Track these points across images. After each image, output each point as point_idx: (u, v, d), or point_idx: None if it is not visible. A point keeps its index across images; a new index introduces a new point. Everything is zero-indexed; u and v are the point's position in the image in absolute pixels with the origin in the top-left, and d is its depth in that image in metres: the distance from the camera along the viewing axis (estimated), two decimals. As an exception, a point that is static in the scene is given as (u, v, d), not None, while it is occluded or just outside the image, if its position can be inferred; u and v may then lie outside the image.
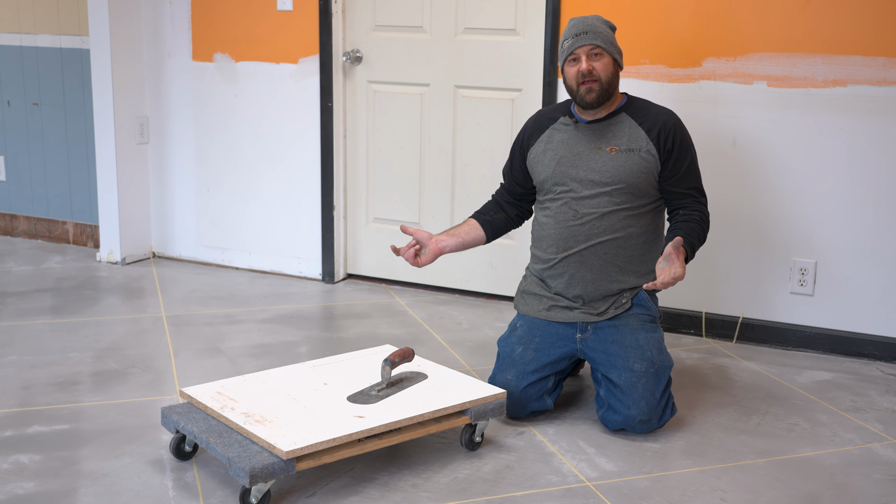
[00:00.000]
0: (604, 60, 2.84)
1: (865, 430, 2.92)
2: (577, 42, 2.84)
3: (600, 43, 2.83)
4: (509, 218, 3.11)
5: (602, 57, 2.84)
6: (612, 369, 2.82)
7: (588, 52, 2.84)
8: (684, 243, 2.77)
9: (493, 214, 3.10)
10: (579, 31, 2.84)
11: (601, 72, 2.84)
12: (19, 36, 4.84)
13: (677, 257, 2.71)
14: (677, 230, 2.84)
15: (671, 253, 2.71)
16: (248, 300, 4.11)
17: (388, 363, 2.69)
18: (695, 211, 2.90)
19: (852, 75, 3.37)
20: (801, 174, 3.50)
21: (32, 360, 3.33)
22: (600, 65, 2.84)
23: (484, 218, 3.09)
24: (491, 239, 3.10)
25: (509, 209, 3.11)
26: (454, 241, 3.03)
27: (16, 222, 5.06)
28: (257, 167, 4.43)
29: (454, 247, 3.03)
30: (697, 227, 2.86)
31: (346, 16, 4.18)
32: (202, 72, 4.45)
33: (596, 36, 2.83)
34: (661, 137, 2.87)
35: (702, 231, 2.88)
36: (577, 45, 2.84)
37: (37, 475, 2.51)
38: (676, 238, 2.74)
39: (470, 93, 4.03)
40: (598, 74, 2.83)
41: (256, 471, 2.27)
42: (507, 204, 3.11)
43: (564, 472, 2.59)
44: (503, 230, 3.12)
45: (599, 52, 2.84)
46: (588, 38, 2.83)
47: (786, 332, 3.61)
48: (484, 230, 3.08)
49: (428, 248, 2.97)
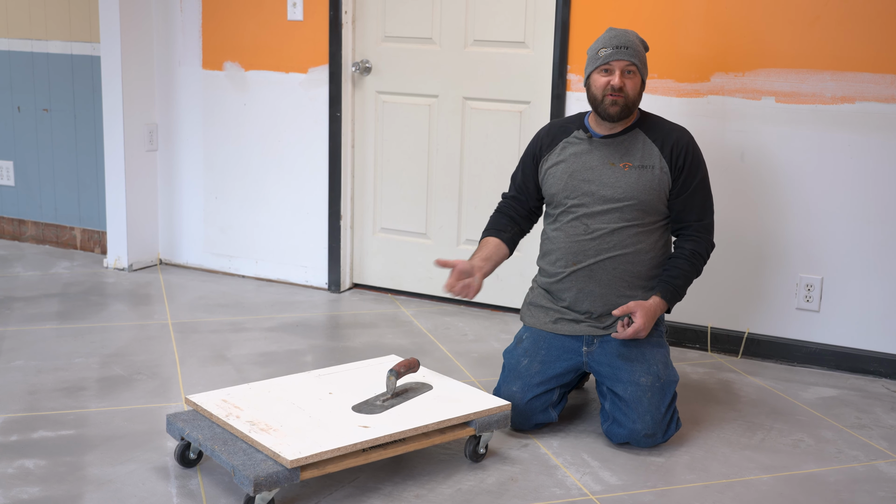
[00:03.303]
0: (635, 80, 2.85)
1: (870, 447, 2.91)
2: (616, 55, 2.82)
3: (636, 62, 2.83)
4: (523, 231, 3.10)
5: (634, 76, 2.85)
6: (617, 383, 2.82)
7: (623, 68, 2.83)
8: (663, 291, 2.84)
9: (511, 230, 3.06)
10: (620, 45, 2.83)
11: (630, 90, 2.84)
12: (31, 42, 4.87)
13: (642, 316, 2.78)
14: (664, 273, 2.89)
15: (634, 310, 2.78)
16: (254, 308, 4.11)
17: (394, 373, 2.70)
18: (688, 242, 2.90)
19: (861, 92, 3.38)
20: (809, 190, 3.51)
21: (39, 365, 3.34)
22: (631, 83, 2.84)
23: (505, 236, 3.04)
24: (512, 253, 3.09)
25: (524, 223, 3.09)
26: (490, 264, 2.98)
27: (24, 227, 5.08)
28: (265, 175, 4.44)
29: (491, 270, 2.98)
30: (686, 263, 2.88)
31: (356, 26, 4.20)
32: (212, 80, 4.47)
33: (634, 54, 2.83)
34: (673, 154, 2.87)
35: (691, 268, 2.88)
36: (615, 57, 2.82)
37: (42, 480, 2.52)
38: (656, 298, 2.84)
39: (478, 104, 4.04)
40: (627, 91, 2.83)
41: (261, 479, 2.27)
42: (522, 218, 3.08)
43: (568, 486, 2.59)
44: (518, 241, 3.11)
45: (633, 70, 2.84)
46: (627, 55, 2.82)
47: (791, 348, 3.60)
48: (508, 247, 3.05)
49: (476, 277, 2.91)
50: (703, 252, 2.92)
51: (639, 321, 2.77)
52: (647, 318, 2.79)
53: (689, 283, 2.90)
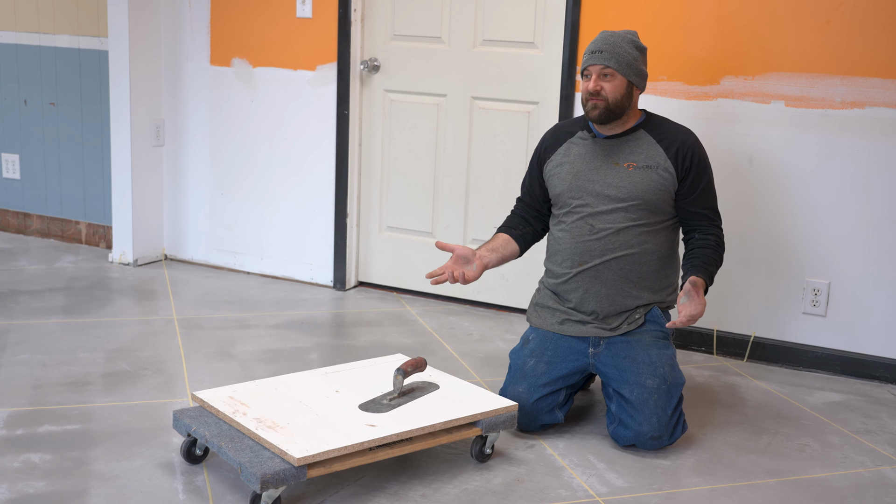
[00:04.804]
0: (614, 82, 2.83)
1: (877, 452, 2.91)
2: (591, 60, 2.85)
3: (612, 64, 2.82)
4: (536, 232, 3.10)
5: (613, 78, 2.83)
6: (623, 385, 2.82)
7: (599, 72, 2.84)
8: (703, 274, 2.79)
9: (522, 229, 3.07)
10: (595, 49, 2.85)
11: (609, 93, 2.83)
12: (38, 35, 4.86)
13: (697, 294, 2.73)
14: (694, 259, 2.85)
15: (690, 290, 2.72)
16: (259, 305, 4.11)
17: (401, 372, 2.69)
18: (710, 235, 2.90)
19: (870, 97, 3.37)
20: (817, 195, 3.50)
21: (44, 360, 3.34)
22: (609, 86, 2.83)
23: (515, 233, 3.06)
24: (523, 252, 3.09)
25: (536, 224, 3.09)
26: (495, 256, 3.00)
27: (29, 221, 5.07)
28: (272, 172, 4.44)
29: (495, 262, 3.00)
30: (714, 252, 2.87)
31: (365, 24, 4.20)
32: (219, 76, 4.47)
33: (610, 57, 2.82)
34: (679, 156, 2.87)
35: (718, 257, 2.89)
36: (591, 62, 2.85)
37: (47, 475, 2.51)
38: (695, 278, 2.75)
39: (486, 104, 4.03)
40: (605, 95, 2.83)
41: (268, 477, 2.27)
42: (533, 219, 3.09)
43: (574, 487, 2.59)
44: (532, 243, 3.12)
45: (611, 73, 2.83)
46: (602, 59, 2.83)
47: (797, 353, 3.60)
48: (518, 244, 3.06)
49: (475, 264, 2.93)
50: (723, 243, 2.93)
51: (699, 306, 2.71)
52: (699, 298, 2.73)
53: (717, 270, 2.88)
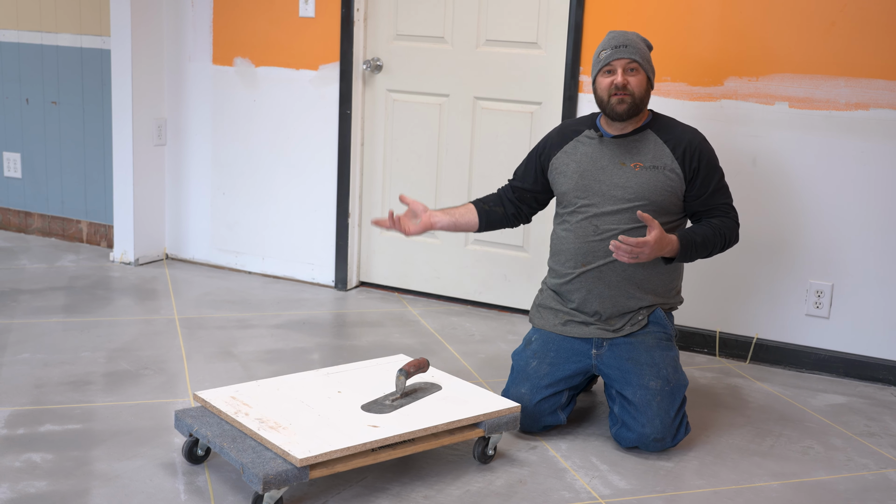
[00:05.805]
0: (639, 76, 2.85)
1: (880, 455, 2.90)
2: (616, 54, 2.84)
3: (637, 58, 2.83)
4: (506, 215, 3.09)
5: (637, 73, 2.85)
6: (626, 386, 2.81)
7: (625, 66, 2.84)
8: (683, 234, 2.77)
9: (492, 206, 3.09)
10: (619, 44, 2.85)
11: (635, 87, 2.84)
12: (40, 34, 4.85)
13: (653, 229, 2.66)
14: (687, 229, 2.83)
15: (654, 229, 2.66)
16: (260, 305, 4.10)
17: (403, 373, 2.69)
18: (716, 219, 2.87)
19: (875, 99, 3.36)
20: (820, 196, 3.49)
21: (45, 359, 3.33)
22: (635, 80, 2.84)
23: (483, 206, 3.08)
24: (483, 229, 3.09)
25: (508, 206, 3.09)
26: (447, 219, 3.01)
27: (30, 220, 5.07)
28: (274, 172, 4.43)
29: (446, 225, 3.01)
30: (710, 231, 2.82)
31: (368, 24, 4.19)
32: (222, 76, 4.46)
33: (635, 51, 2.84)
34: (686, 156, 2.86)
35: (714, 236, 2.83)
36: (616, 56, 2.84)
37: (49, 474, 2.51)
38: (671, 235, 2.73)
39: (489, 105, 4.02)
40: (632, 89, 2.83)
41: (270, 477, 2.26)
42: (508, 201, 3.09)
43: (577, 489, 2.58)
44: (497, 224, 3.10)
45: (636, 67, 2.84)
46: (627, 52, 2.83)
47: (800, 354, 3.59)
48: (479, 218, 3.06)
49: (420, 220, 2.96)
50: (732, 224, 2.87)
51: (650, 235, 2.66)
52: (658, 238, 2.68)
53: (707, 249, 2.83)
